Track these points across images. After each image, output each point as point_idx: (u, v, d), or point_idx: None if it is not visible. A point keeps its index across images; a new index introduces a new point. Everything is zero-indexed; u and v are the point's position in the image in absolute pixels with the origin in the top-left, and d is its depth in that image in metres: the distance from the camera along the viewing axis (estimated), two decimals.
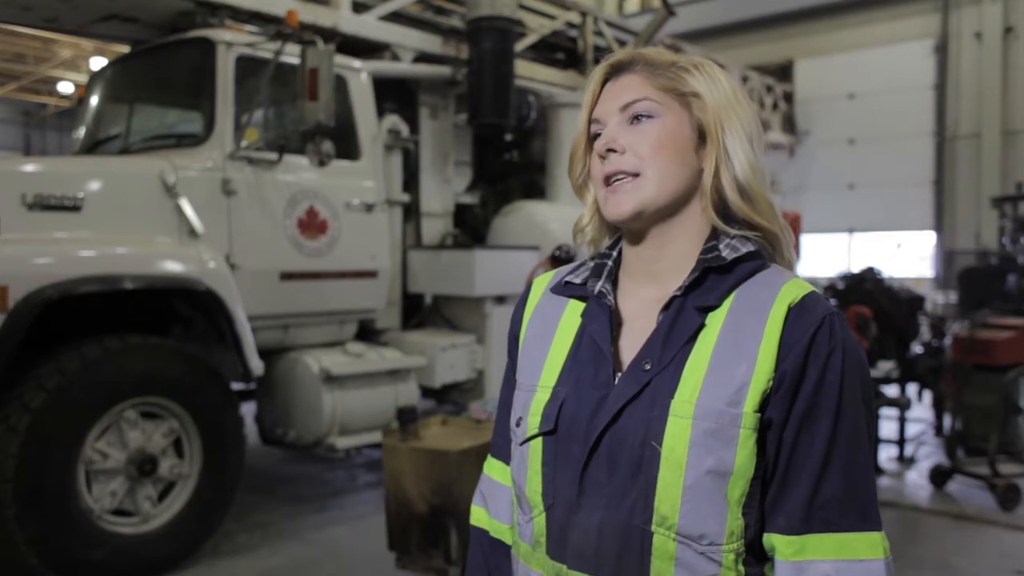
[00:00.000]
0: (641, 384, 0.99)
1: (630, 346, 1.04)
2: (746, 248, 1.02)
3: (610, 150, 1.04)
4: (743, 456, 0.94)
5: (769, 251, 1.07)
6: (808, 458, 0.95)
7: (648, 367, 1.00)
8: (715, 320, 1.00)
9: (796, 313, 0.97)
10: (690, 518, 0.95)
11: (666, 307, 1.02)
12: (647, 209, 1.03)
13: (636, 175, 1.03)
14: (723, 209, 1.05)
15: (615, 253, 1.12)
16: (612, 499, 0.98)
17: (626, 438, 0.98)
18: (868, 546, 0.95)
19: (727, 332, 0.98)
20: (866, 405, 0.99)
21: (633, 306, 1.07)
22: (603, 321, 1.06)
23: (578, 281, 1.11)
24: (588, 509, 1.00)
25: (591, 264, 1.13)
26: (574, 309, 1.11)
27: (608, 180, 1.04)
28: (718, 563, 0.95)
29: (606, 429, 0.99)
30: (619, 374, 1.02)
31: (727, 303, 1.00)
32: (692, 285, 1.01)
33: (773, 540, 0.97)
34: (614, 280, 1.10)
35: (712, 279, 1.01)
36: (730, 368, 0.96)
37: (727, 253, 1.02)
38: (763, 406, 0.96)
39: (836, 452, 0.95)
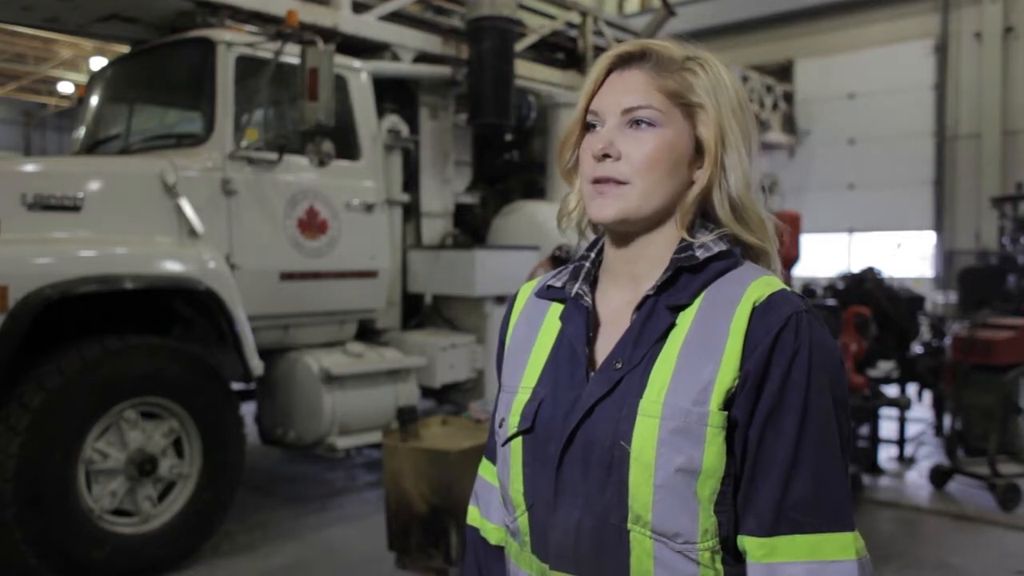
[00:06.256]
0: (612, 383, 1.00)
1: (606, 347, 1.04)
2: (718, 247, 1.02)
3: (606, 155, 1.02)
4: (711, 454, 0.94)
5: (752, 256, 1.06)
6: (775, 458, 0.95)
7: (619, 366, 1.00)
8: (685, 319, 1.00)
9: (761, 312, 0.97)
10: (663, 517, 0.95)
11: (639, 307, 1.02)
12: (631, 218, 1.03)
13: (624, 183, 1.01)
14: (703, 214, 1.05)
15: (593, 255, 1.13)
16: (588, 499, 0.99)
17: (597, 438, 0.99)
18: (839, 547, 0.94)
19: (695, 331, 0.99)
20: (838, 405, 0.97)
21: (611, 307, 1.08)
22: (579, 322, 1.06)
23: (558, 284, 1.12)
24: (565, 509, 1.00)
25: (571, 267, 1.13)
26: (555, 312, 1.12)
27: (596, 180, 1.03)
28: (695, 562, 0.96)
29: (577, 428, 1.00)
30: (592, 374, 1.03)
31: (697, 302, 1.00)
32: (664, 285, 1.01)
33: (745, 542, 0.97)
34: (593, 281, 1.11)
35: (684, 278, 1.01)
36: (697, 367, 0.96)
37: (700, 252, 1.01)
38: (729, 405, 0.96)
39: (803, 452, 0.94)
